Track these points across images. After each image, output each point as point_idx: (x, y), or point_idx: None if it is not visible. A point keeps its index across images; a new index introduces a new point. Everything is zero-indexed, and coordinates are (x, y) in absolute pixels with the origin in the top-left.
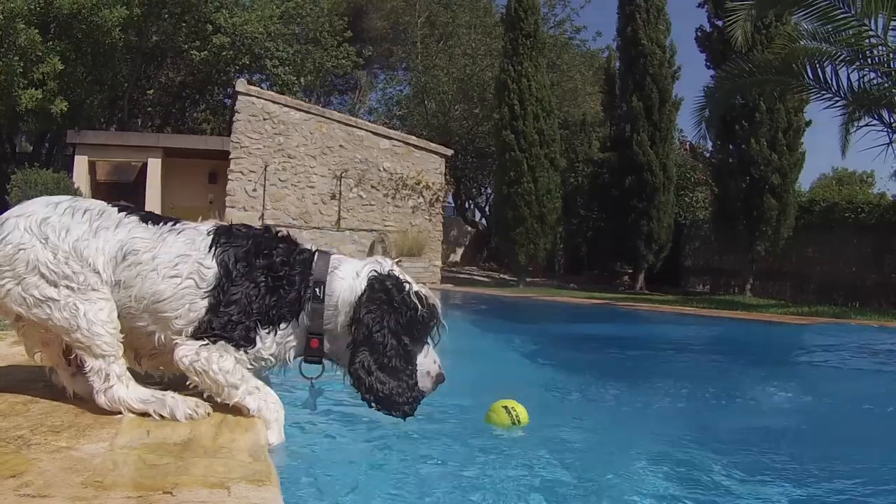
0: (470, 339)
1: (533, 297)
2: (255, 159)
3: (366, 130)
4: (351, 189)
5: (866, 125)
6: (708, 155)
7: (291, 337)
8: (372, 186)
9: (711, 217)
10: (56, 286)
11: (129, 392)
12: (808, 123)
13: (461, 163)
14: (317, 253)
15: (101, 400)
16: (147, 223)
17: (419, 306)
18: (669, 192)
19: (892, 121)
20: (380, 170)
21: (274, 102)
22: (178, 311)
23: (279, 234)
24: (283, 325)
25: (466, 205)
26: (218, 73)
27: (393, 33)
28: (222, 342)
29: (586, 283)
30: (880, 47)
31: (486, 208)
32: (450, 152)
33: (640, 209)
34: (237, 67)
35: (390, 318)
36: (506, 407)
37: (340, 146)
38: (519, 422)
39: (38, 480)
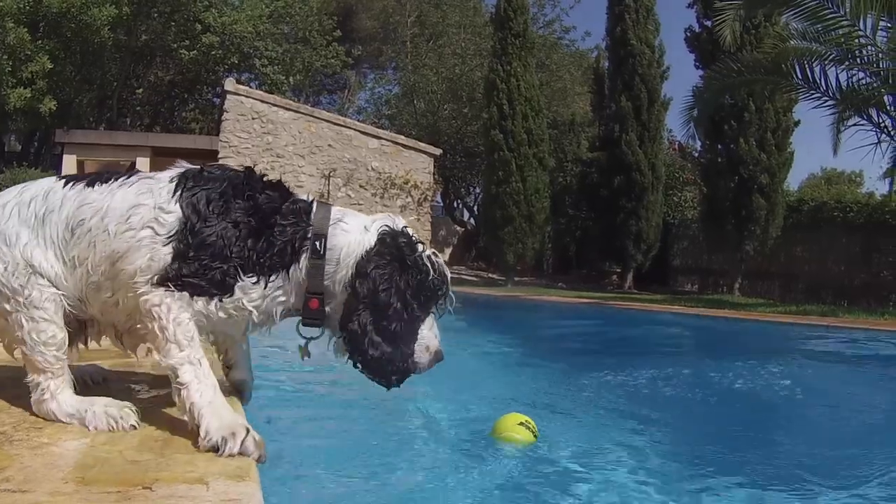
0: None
1: (520, 297)
2: (243, 159)
3: (354, 130)
4: (339, 188)
5: (855, 125)
6: (696, 154)
7: (280, 292)
8: (360, 186)
9: (700, 216)
10: (7, 301)
11: (58, 406)
12: (797, 123)
13: (450, 162)
14: (315, 202)
15: (35, 410)
16: (94, 185)
17: (431, 271)
18: (658, 192)
19: (880, 120)
20: (368, 169)
21: (262, 102)
22: (137, 263)
23: (266, 178)
24: (272, 277)
25: (455, 204)
26: (207, 72)
27: (382, 33)
28: (186, 293)
29: (575, 282)
30: (869, 47)
31: (475, 208)
32: (438, 152)
33: (629, 209)
34: (226, 67)
35: (400, 277)
36: (522, 423)
37: (329, 146)
38: (536, 434)
39: (19, 476)
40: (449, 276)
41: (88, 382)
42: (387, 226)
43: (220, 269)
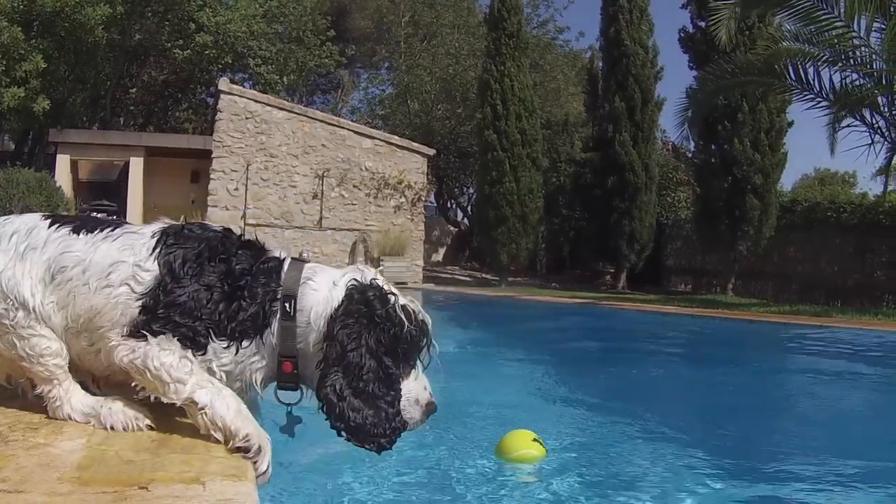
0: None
1: (513, 297)
2: (237, 158)
3: (348, 130)
4: (333, 188)
5: (848, 126)
6: (690, 155)
7: (256, 358)
8: (354, 186)
9: (693, 217)
10: None
11: (72, 408)
12: (791, 124)
13: (443, 162)
14: (287, 261)
15: (53, 415)
16: (79, 233)
17: (405, 322)
18: (651, 192)
19: (874, 121)
20: (362, 169)
21: (256, 101)
22: (112, 320)
23: (241, 239)
24: (244, 343)
25: (449, 204)
26: (201, 71)
27: (376, 33)
28: (161, 337)
29: (568, 282)
30: (863, 48)
31: (469, 208)
32: (432, 152)
33: (623, 209)
34: (220, 66)
35: (370, 334)
36: (535, 440)
37: (322, 145)
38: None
39: (16, 476)
40: (429, 322)
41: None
42: (355, 279)
43: (189, 327)
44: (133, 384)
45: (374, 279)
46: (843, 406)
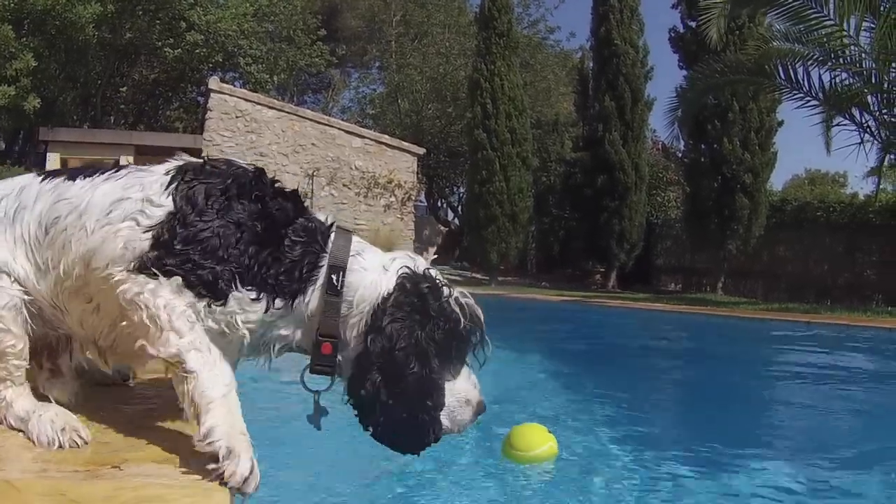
0: None
1: (503, 295)
2: (227, 157)
3: (338, 129)
4: (323, 187)
5: (838, 125)
6: (680, 154)
7: (282, 322)
8: (344, 185)
9: (683, 216)
10: None
11: (10, 413)
12: (781, 123)
13: (434, 162)
14: (335, 226)
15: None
16: (76, 179)
17: (461, 318)
18: (641, 192)
19: (863, 120)
20: (352, 168)
21: (246, 100)
22: (111, 255)
23: (279, 186)
24: (278, 302)
25: (439, 204)
26: (191, 70)
27: (367, 32)
28: (177, 279)
29: (558, 281)
30: (852, 47)
31: (459, 207)
32: (422, 151)
33: (612, 208)
34: (210, 65)
35: (422, 331)
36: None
37: (312, 144)
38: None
39: None
40: (482, 318)
41: (107, 381)
42: (407, 267)
43: (211, 270)
44: (136, 346)
45: (428, 269)
46: (819, 400)
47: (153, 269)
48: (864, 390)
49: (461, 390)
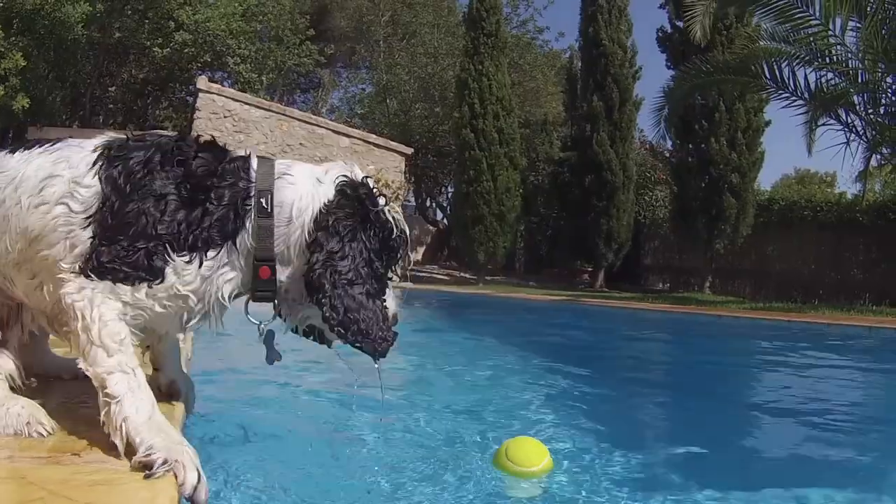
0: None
1: (490, 295)
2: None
3: (326, 129)
4: None
5: (824, 125)
6: (668, 154)
7: (226, 269)
8: None
9: (671, 215)
10: None
11: None
12: (768, 123)
13: (422, 161)
14: (253, 157)
15: None
16: (15, 152)
17: (394, 228)
18: (629, 191)
19: (849, 120)
20: None
21: (234, 100)
22: (56, 248)
23: (200, 141)
24: (210, 253)
25: (427, 203)
26: (180, 70)
27: (356, 32)
28: (108, 282)
29: (546, 281)
30: (837, 47)
31: (448, 207)
32: (410, 151)
33: (600, 208)
34: (199, 65)
35: (366, 233)
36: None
37: (301, 144)
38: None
39: None
40: (408, 233)
41: (63, 376)
42: (345, 176)
43: (143, 251)
44: (64, 329)
45: (366, 177)
46: (798, 395)
47: (90, 273)
48: (846, 387)
49: (390, 301)
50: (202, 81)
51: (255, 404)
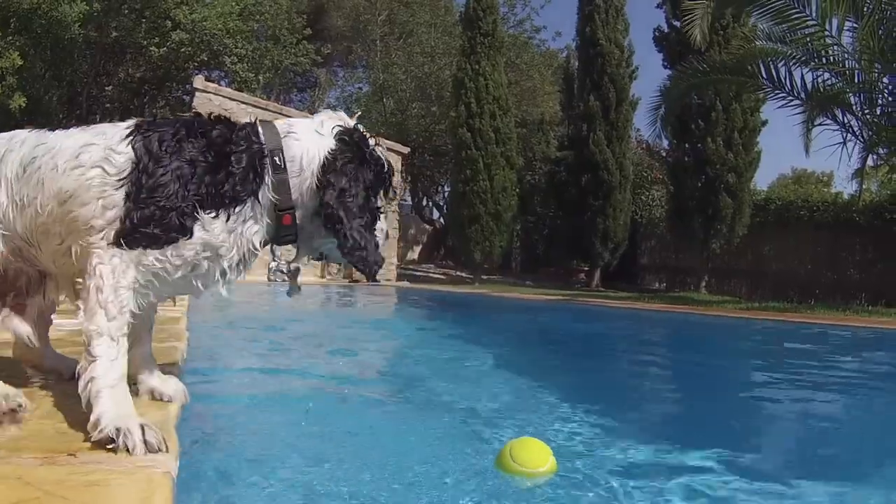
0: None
1: (486, 294)
2: None
3: None
4: None
5: (821, 125)
6: (664, 154)
7: (251, 222)
8: None
9: (667, 215)
10: None
11: None
12: (765, 123)
13: (419, 161)
14: (257, 123)
15: None
16: (56, 130)
17: (385, 163)
18: (626, 191)
19: (846, 120)
20: None
21: (231, 99)
22: (89, 208)
23: (214, 116)
24: (237, 208)
25: (424, 203)
26: (177, 69)
27: (353, 31)
28: (137, 251)
29: (542, 280)
30: (834, 47)
31: (444, 206)
32: (407, 150)
33: (597, 207)
34: (196, 64)
35: (364, 172)
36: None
37: None
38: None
39: None
40: (392, 165)
41: (63, 375)
42: (340, 125)
43: (176, 211)
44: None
45: (357, 124)
46: (794, 394)
47: (122, 242)
48: (843, 386)
49: (380, 226)
50: (199, 81)
51: (252, 404)
